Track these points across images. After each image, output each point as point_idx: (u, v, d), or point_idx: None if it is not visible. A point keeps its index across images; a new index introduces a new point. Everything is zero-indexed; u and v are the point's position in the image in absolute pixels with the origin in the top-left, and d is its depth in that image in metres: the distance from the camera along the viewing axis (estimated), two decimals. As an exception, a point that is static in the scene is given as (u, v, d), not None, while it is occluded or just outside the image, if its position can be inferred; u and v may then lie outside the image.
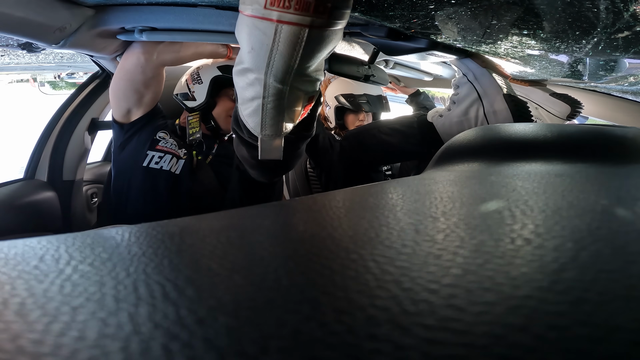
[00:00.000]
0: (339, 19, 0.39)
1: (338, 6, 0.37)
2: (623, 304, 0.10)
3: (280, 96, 0.43)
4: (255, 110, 0.45)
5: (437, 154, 0.39)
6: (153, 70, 0.87)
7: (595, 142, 0.32)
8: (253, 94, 0.44)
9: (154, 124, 0.96)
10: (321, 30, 0.38)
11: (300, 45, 0.38)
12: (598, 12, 0.40)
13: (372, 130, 1.08)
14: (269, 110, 0.44)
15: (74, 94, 1.17)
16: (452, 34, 0.61)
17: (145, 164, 0.92)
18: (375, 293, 0.12)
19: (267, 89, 0.42)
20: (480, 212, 0.18)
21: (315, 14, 0.36)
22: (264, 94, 0.42)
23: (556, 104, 0.92)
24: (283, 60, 0.39)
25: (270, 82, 0.41)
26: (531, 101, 0.97)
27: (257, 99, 0.43)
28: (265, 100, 0.43)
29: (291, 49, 0.38)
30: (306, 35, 0.37)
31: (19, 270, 0.14)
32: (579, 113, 0.92)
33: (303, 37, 0.37)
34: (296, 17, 0.36)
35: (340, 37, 0.42)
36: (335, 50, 0.87)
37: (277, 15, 0.36)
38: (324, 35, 0.39)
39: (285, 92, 0.42)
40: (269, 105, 0.44)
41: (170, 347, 0.10)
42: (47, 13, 0.62)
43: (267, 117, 0.45)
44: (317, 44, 0.39)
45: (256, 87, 0.43)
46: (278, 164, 0.56)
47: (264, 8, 0.36)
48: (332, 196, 0.25)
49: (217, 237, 0.18)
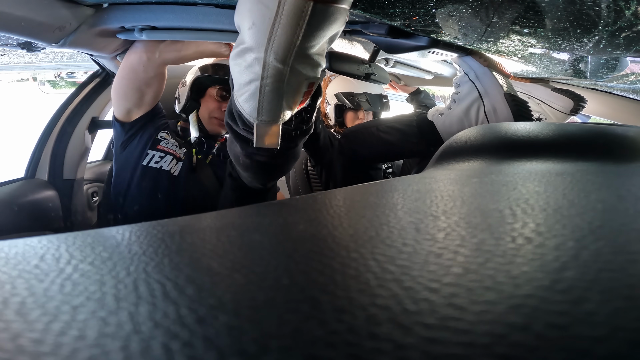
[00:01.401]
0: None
1: None
2: (624, 303, 0.10)
3: (279, 77, 0.41)
4: (252, 94, 0.43)
5: (438, 153, 0.38)
6: (155, 68, 0.87)
7: (595, 141, 0.32)
8: (251, 76, 0.42)
9: (155, 123, 0.96)
10: (326, 5, 0.37)
11: (304, 19, 0.37)
12: (599, 10, 0.40)
13: (371, 128, 1.07)
14: (267, 93, 0.42)
15: (74, 93, 1.17)
16: (453, 32, 0.61)
17: (145, 162, 0.92)
18: (375, 292, 0.12)
19: (266, 69, 0.41)
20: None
21: None
22: (263, 74, 0.41)
23: (559, 99, 0.92)
24: (285, 36, 0.38)
25: (271, 61, 0.40)
26: (533, 97, 0.96)
27: (255, 81, 0.42)
28: (263, 82, 0.42)
29: (294, 23, 0.37)
30: (310, 9, 0.36)
31: (19, 269, 0.14)
32: (583, 107, 0.91)
33: (307, 10, 0.36)
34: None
35: (345, 20, 0.40)
36: (335, 48, 0.87)
37: None
38: (329, 11, 0.37)
39: (286, 73, 0.41)
40: (267, 88, 0.42)
41: (170, 346, 0.10)
42: (46, 12, 0.62)
43: (264, 101, 0.43)
44: (322, 20, 0.38)
45: (255, 68, 0.41)
46: (273, 163, 0.54)
47: None
48: (333, 195, 0.25)
49: (217, 236, 0.18)
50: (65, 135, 1.14)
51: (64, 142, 1.13)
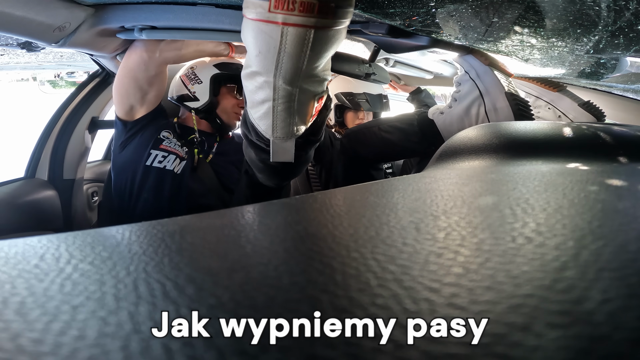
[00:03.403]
0: (343, 18, 0.39)
1: (341, 5, 0.38)
2: (624, 303, 0.10)
3: (290, 98, 0.43)
4: (265, 113, 0.45)
5: (438, 152, 0.38)
6: (156, 67, 0.87)
7: (596, 140, 0.32)
8: (263, 96, 0.44)
9: (157, 123, 0.96)
10: (326, 30, 0.38)
11: (307, 46, 0.38)
12: (599, 10, 0.39)
13: (373, 127, 1.07)
14: (279, 112, 0.45)
15: (73, 93, 1.16)
16: (453, 32, 0.61)
17: (148, 162, 0.92)
18: (376, 292, 0.12)
19: (276, 92, 0.42)
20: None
21: (320, 14, 0.36)
22: (274, 96, 0.43)
23: (583, 116, 0.91)
24: (291, 62, 0.39)
25: (280, 85, 0.42)
26: (555, 107, 0.96)
27: (268, 101, 0.44)
28: (275, 103, 0.44)
29: (299, 51, 0.38)
30: (312, 36, 0.38)
31: (19, 269, 0.14)
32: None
33: (309, 38, 0.38)
34: (301, 18, 0.36)
35: (345, 34, 0.42)
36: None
37: (282, 18, 0.36)
38: (330, 34, 0.39)
39: (295, 93, 0.43)
40: (279, 108, 0.44)
41: (170, 346, 0.10)
42: (46, 12, 0.62)
43: (278, 120, 0.45)
44: (324, 43, 0.39)
45: (266, 90, 0.43)
46: (286, 168, 0.56)
47: (269, 11, 0.36)
48: (333, 194, 0.25)
49: (217, 236, 0.18)
50: (65, 135, 1.13)
51: (63, 141, 1.13)
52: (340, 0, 0.37)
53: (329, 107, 0.53)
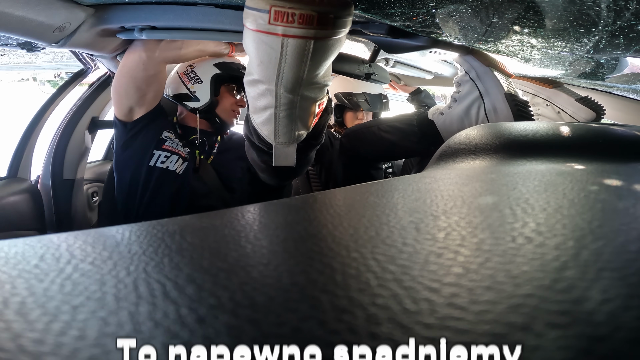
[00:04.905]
0: (343, 28, 0.40)
1: (340, 16, 0.38)
2: (624, 303, 0.10)
3: (291, 105, 0.44)
4: (268, 119, 0.46)
5: (438, 152, 0.38)
6: (154, 67, 0.87)
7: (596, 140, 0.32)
8: (265, 103, 0.45)
9: (158, 123, 0.96)
10: (326, 40, 0.39)
11: (307, 56, 0.39)
12: (599, 10, 0.39)
13: (372, 127, 1.07)
14: (281, 119, 0.46)
15: (56, 92, 1.18)
16: (453, 32, 0.61)
17: (152, 163, 0.92)
18: (376, 292, 0.12)
19: (278, 99, 0.44)
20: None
21: (319, 25, 0.37)
22: (275, 103, 0.44)
23: (581, 110, 0.92)
24: (292, 72, 0.40)
25: (281, 93, 0.43)
26: (553, 104, 0.96)
27: (270, 108, 0.45)
28: (277, 110, 0.45)
29: (299, 61, 0.39)
30: (312, 47, 0.38)
31: (19, 269, 0.14)
32: (602, 118, 0.92)
33: (309, 48, 0.38)
34: (301, 30, 0.37)
35: (345, 40, 0.43)
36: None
37: (282, 29, 0.37)
38: (329, 44, 0.40)
39: (297, 101, 0.44)
40: (281, 115, 0.45)
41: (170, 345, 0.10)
42: (46, 12, 0.62)
43: (280, 126, 0.46)
44: (324, 53, 0.40)
45: (268, 98, 0.44)
46: (288, 169, 0.57)
47: (269, 23, 0.37)
48: (333, 194, 0.25)
49: (217, 236, 0.18)
50: (65, 135, 1.13)
51: (64, 142, 1.13)
52: (339, 11, 0.38)
53: (329, 110, 0.54)
